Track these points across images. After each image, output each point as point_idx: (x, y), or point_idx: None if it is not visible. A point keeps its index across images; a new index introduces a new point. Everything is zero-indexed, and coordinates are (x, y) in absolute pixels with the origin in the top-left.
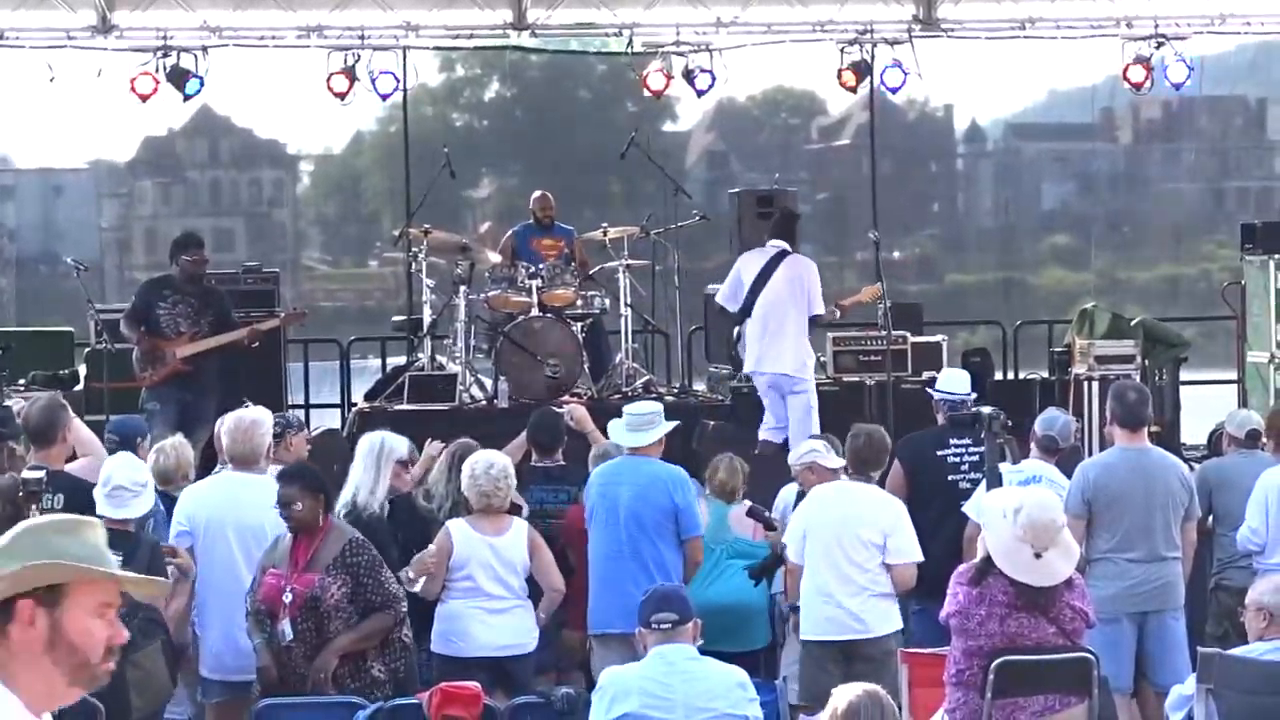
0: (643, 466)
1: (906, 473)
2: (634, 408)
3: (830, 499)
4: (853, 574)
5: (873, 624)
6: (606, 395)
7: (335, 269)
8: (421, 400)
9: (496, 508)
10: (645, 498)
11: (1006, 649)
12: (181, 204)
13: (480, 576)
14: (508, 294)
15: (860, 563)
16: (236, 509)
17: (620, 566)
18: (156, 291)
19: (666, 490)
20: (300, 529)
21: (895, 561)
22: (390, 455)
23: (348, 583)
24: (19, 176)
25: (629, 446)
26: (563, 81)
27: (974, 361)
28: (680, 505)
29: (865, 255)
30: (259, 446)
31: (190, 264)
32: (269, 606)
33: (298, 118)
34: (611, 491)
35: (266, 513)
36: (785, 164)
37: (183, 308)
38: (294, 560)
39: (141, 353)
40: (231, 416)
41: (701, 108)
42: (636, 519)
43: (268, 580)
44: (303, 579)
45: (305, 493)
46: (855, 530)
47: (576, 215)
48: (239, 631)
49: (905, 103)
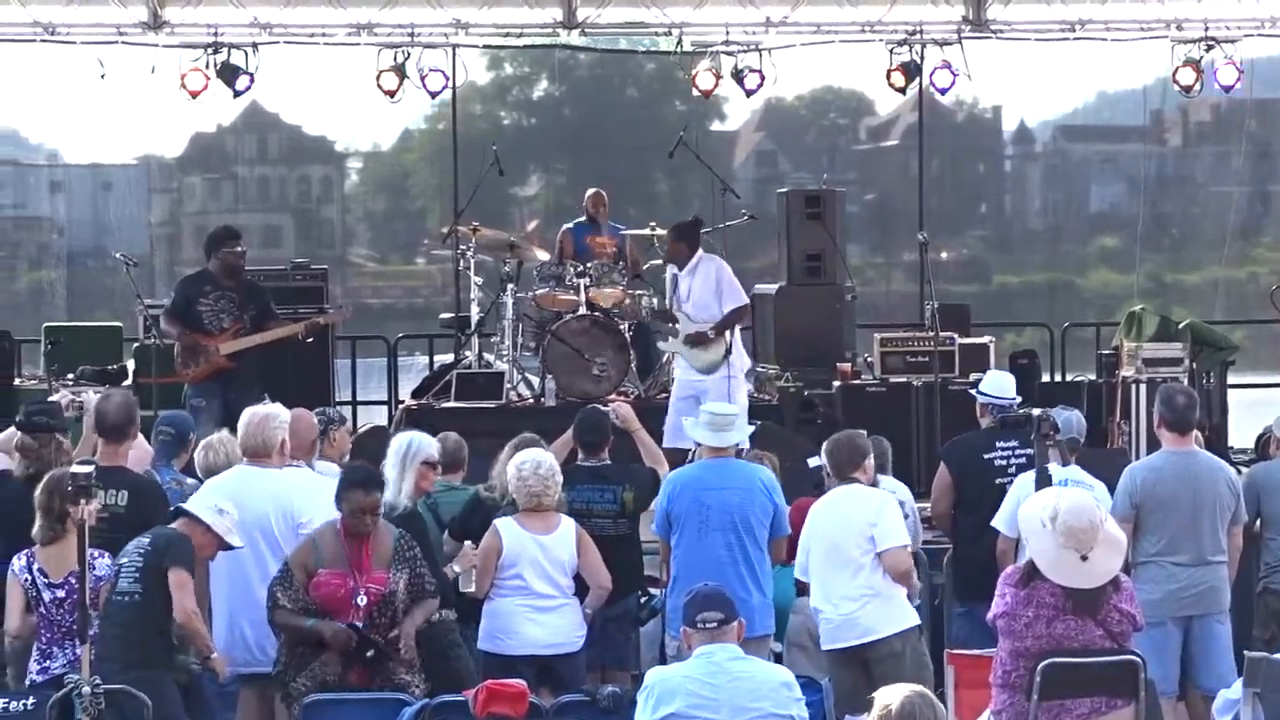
0: (738, 469)
1: (953, 476)
2: (714, 407)
3: (820, 509)
4: (849, 577)
5: (874, 626)
6: (653, 394)
7: (383, 266)
8: (468, 398)
9: (545, 506)
10: (751, 501)
11: (1053, 651)
12: (230, 200)
13: (529, 575)
14: (555, 292)
15: (855, 563)
16: (244, 501)
17: (725, 574)
18: (196, 287)
19: (767, 492)
20: (368, 532)
21: (883, 548)
22: (416, 456)
23: (406, 575)
24: (69, 172)
25: (713, 447)
26: (612, 80)
27: (1021, 363)
28: (779, 506)
29: (912, 256)
30: (271, 440)
31: (230, 257)
32: (328, 607)
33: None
34: (709, 497)
35: (273, 505)
36: (833, 164)
37: (224, 303)
38: (357, 562)
39: (182, 348)
40: (248, 410)
41: (750, 107)
42: (744, 524)
43: (327, 581)
44: (375, 579)
45: (380, 498)
46: (845, 531)
47: (624, 214)
48: (246, 623)
49: (954, 104)
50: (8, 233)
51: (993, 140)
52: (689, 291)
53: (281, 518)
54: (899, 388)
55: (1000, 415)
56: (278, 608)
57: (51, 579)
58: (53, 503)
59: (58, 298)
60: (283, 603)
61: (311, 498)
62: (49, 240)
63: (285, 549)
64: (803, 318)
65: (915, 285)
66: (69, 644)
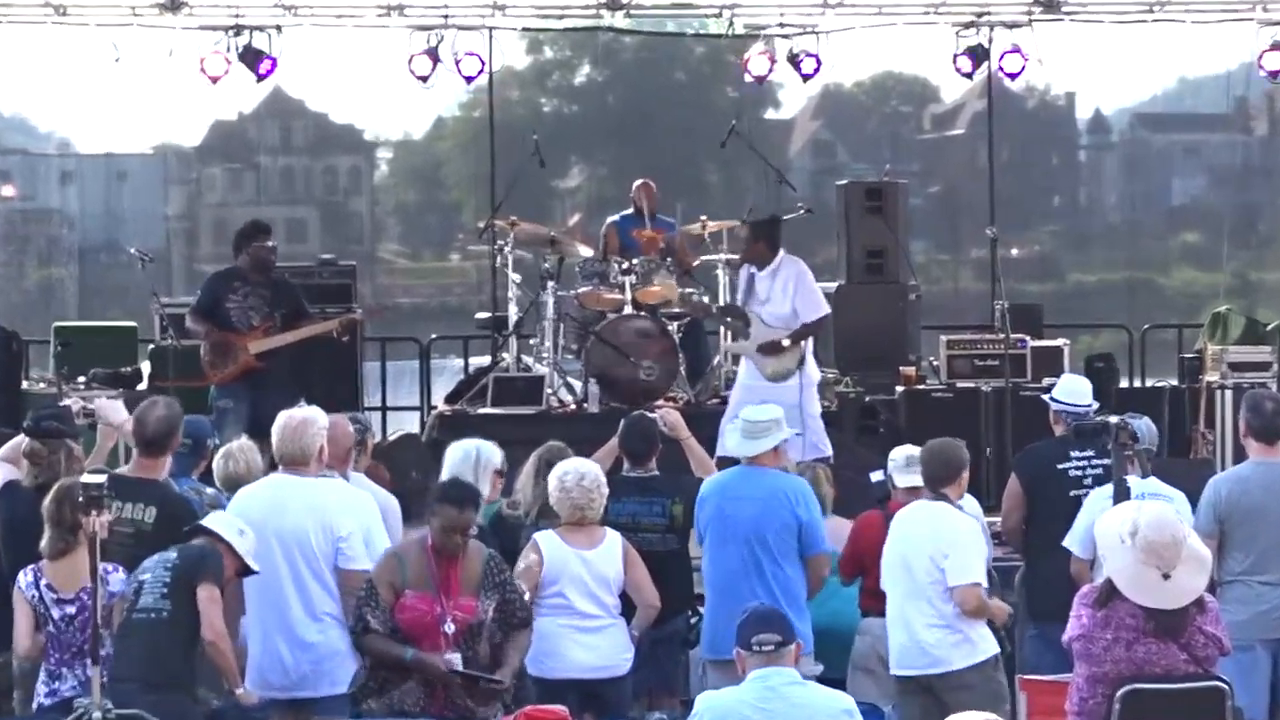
0: (761, 478)
1: (1024, 488)
2: (751, 413)
3: (900, 524)
4: (921, 602)
5: (945, 657)
6: (704, 399)
7: (415, 262)
8: (506, 403)
9: (590, 520)
10: (767, 513)
11: (1134, 677)
12: (252, 192)
13: (572, 593)
14: (599, 290)
15: (928, 589)
16: (280, 513)
17: (741, 588)
18: (225, 284)
19: (789, 504)
20: (458, 553)
21: (954, 583)
22: (488, 465)
23: (496, 601)
24: (81, 162)
25: (745, 456)
26: (659, 64)
27: (1098, 367)
28: (804, 520)
29: (981, 253)
30: (308, 447)
31: (260, 252)
32: (413, 633)
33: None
34: (729, 507)
35: (311, 518)
36: (895, 154)
37: (254, 300)
38: (445, 584)
39: (210, 347)
40: (283, 414)
41: (806, 94)
42: (759, 536)
43: (413, 606)
44: (463, 605)
45: (475, 516)
46: (920, 554)
47: (672, 207)
48: (283, 644)
49: (1024, 90)
50: (16, 226)
51: (1066, 129)
52: (766, 295)
53: (321, 531)
54: (966, 393)
55: (1075, 423)
56: (369, 632)
57: (61, 594)
58: (63, 513)
59: (68, 295)
60: (374, 627)
61: (353, 511)
62: (59, 234)
63: (323, 565)
64: (863, 318)
65: (984, 284)
66: (79, 664)
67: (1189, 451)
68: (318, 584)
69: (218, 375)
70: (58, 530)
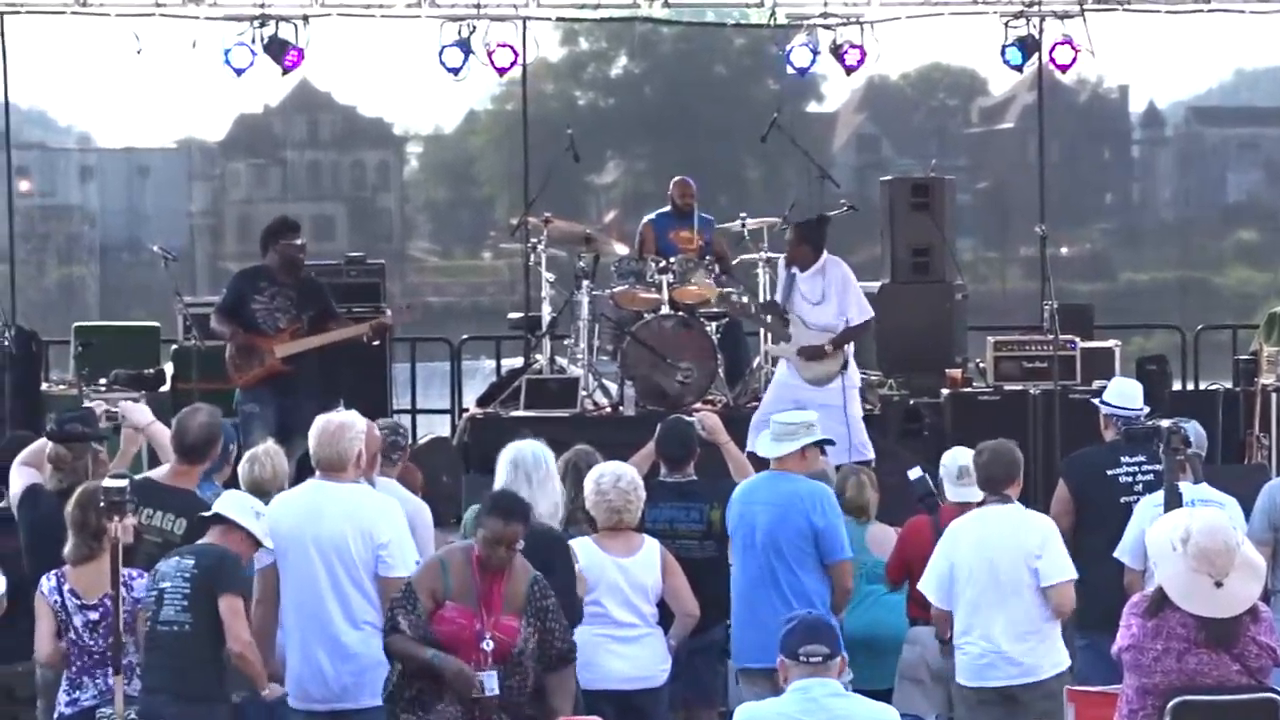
0: (780, 484)
1: (1073, 494)
2: (782, 415)
3: (968, 529)
4: (1007, 610)
5: (1035, 666)
6: (743, 402)
7: (446, 261)
8: (539, 406)
9: (627, 524)
10: (783, 519)
11: (1185, 688)
12: (278, 188)
13: (609, 602)
14: (635, 290)
15: (1015, 595)
16: (317, 521)
17: (759, 596)
18: (251, 283)
19: (804, 510)
20: (504, 567)
21: (1050, 583)
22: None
23: (538, 628)
24: (102, 157)
25: (772, 459)
26: (697, 56)
27: (1150, 370)
28: (820, 527)
29: (1030, 250)
30: (346, 451)
31: (288, 250)
32: (450, 646)
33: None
34: (749, 512)
35: (350, 524)
36: (942, 149)
37: (281, 301)
38: (487, 599)
39: (236, 350)
40: (320, 418)
41: (850, 86)
42: (773, 543)
43: (453, 619)
44: (504, 626)
45: (522, 530)
46: (1005, 558)
47: (711, 203)
48: (323, 655)
49: (1076, 82)
50: (35, 223)
51: (1119, 123)
52: (808, 297)
53: (360, 539)
54: (1014, 396)
55: (1126, 428)
56: (395, 632)
57: (84, 600)
58: (87, 518)
59: (89, 295)
60: (402, 627)
61: (391, 518)
62: (79, 232)
63: (363, 573)
64: (908, 319)
65: (1033, 283)
66: (100, 673)
67: (1243, 457)
68: (358, 592)
69: (243, 378)
70: (81, 535)
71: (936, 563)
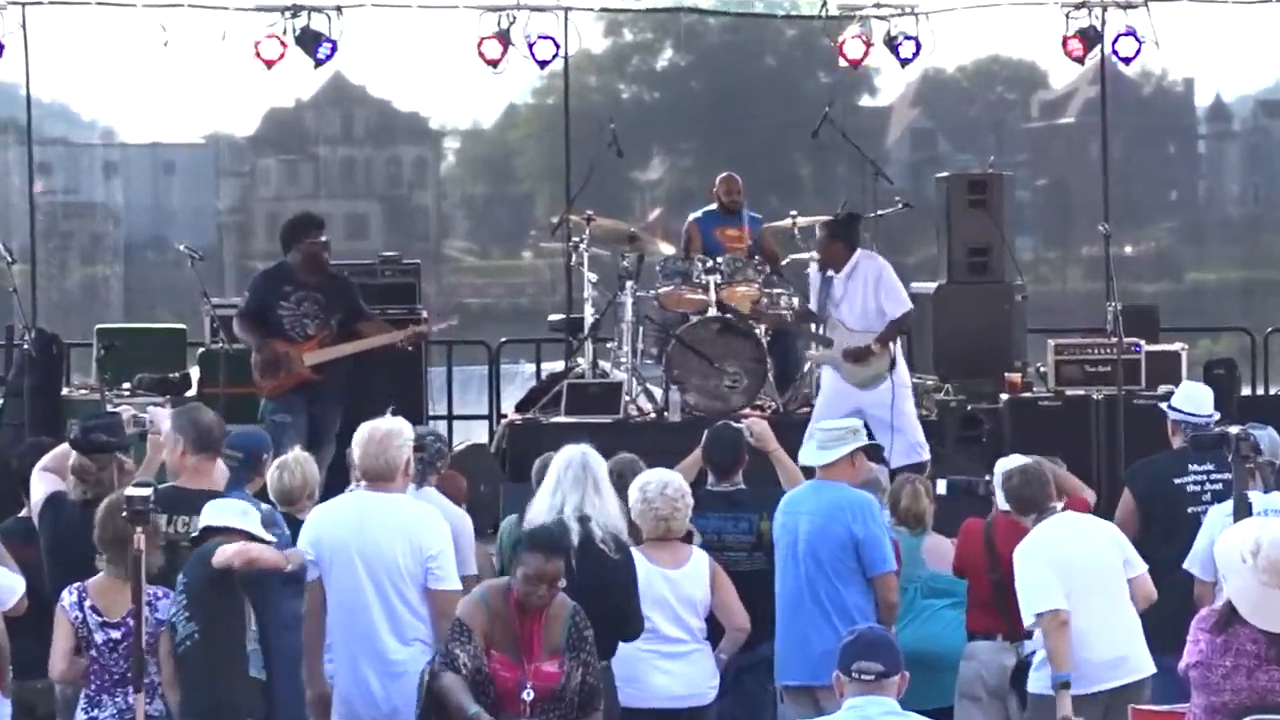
0: (823, 492)
1: (1139, 504)
2: (829, 422)
3: (1057, 538)
4: (1115, 611)
5: (1143, 663)
6: (793, 408)
7: (484, 260)
8: (581, 412)
9: (674, 533)
10: (823, 529)
11: (1255, 707)
12: (309, 185)
13: (656, 616)
14: (682, 291)
15: (1119, 595)
16: (363, 533)
17: (799, 611)
18: (274, 286)
19: (845, 520)
20: (543, 607)
21: (1134, 574)
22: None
23: (580, 661)
24: (126, 152)
25: (817, 467)
26: (746, 48)
27: (1217, 373)
28: (860, 537)
29: (1092, 250)
30: (394, 460)
31: (312, 249)
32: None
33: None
34: (791, 522)
35: (399, 536)
36: (1000, 144)
37: (308, 305)
38: (527, 646)
39: (261, 359)
40: (366, 426)
41: (905, 79)
42: (813, 554)
43: (497, 672)
44: (544, 674)
45: (562, 566)
46: (1104, 561)
47: (760, 202)
48: (372, 673)
49: (1140, 75)
50: (57, 221)
51: (1184, 117)
52: (844, 297)
53: (410, 551)
54: (1076, 402)
55: (1194, 434)
56: (449, 670)
57: (106, 618)
58: (116, 528)
59: (113, 296)
60: (461, 664)
61: (438, 529)
62: (103, 230)
63: (410, 587)
64: (965, 321)
65: (1095, 283)
66: (120, 692)
67: None
68: (406, 608)
69: (271, 388)
70: (114, 553)
71: (1034, 569)
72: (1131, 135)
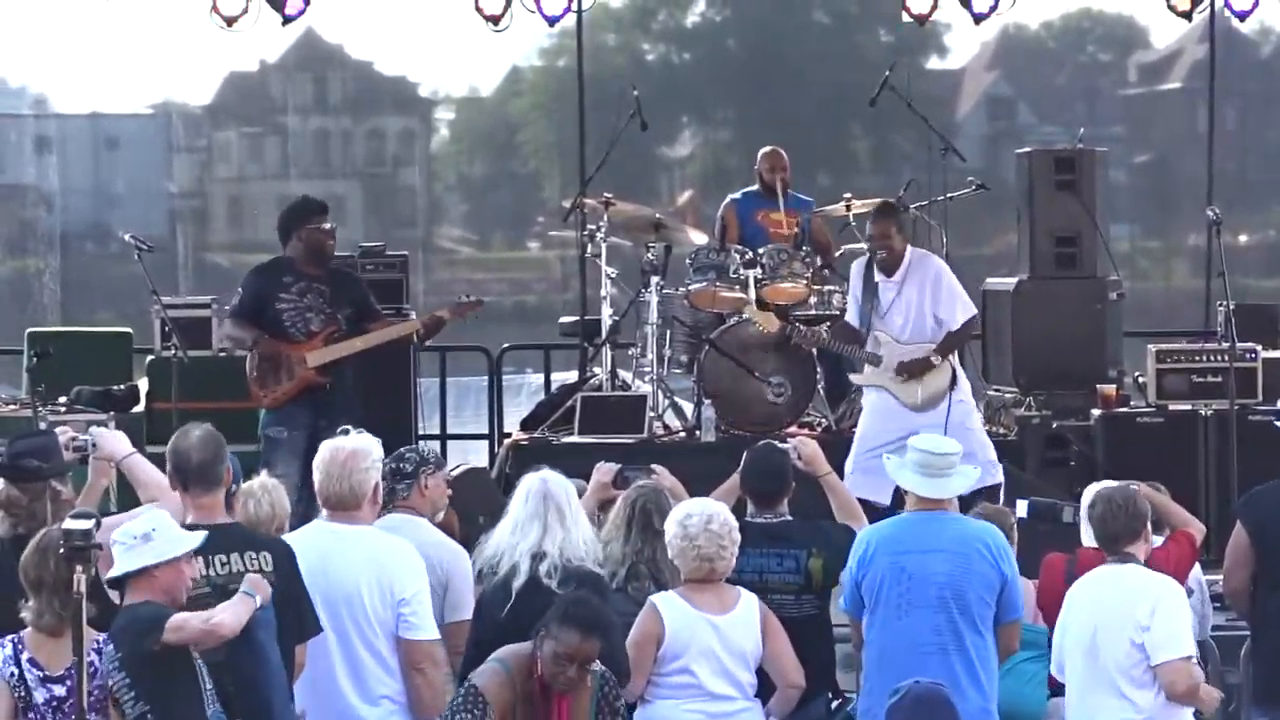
0: (952, 526)
1: (1252, 539)
2: (928, 442)
3: (1080, 593)
4: (1113, 693)
5: None
6: (847, 425)
7: (483, 252)
8: (598, 430)
9: (719, 574)
10: (967, 571)
11: None
12: (276, 162)
13: (701, 670)
14: (716, 288)
15: (1122, 676)
16: (325, 571)
17: (930, 664)
18: (273, 279)
19: (994, 559)
20: (572, 689)
21: (1159, 660)
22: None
23: None
24: (61, 124)
25: (923, 498)
26: (793, 2)
27: None
28: (1009, 578)
29: (1199, 238)
30: (360, 486)
31: (315, 236)
32: None
33: (434, 48)
34: (913, 563)
35: (365, 575)
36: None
37: (312, 297)
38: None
39: (259, 361)
40: (328, 445)
41: (980, 38)
42: (959, 599)
43: None
44: None
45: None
46: (1108, 632)
47: (810, 182)
48: None
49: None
50: None
51: None
52: (894, 301)
53: (378, 592)
54: (1181, 418)
55: None
56: None
57: (48, 672)
58: (55, 570)
59: (46, 294)
60: None
61: (414, 567)
62: (34, 217)
63: (380, 636)
64: (1051, 323)
65: (1203, 280)
66: None
67: None
68: (374, 659)
69: (269, 396)
70: (43, 597)
71: (1056, 636)
72: (1245, 104)
